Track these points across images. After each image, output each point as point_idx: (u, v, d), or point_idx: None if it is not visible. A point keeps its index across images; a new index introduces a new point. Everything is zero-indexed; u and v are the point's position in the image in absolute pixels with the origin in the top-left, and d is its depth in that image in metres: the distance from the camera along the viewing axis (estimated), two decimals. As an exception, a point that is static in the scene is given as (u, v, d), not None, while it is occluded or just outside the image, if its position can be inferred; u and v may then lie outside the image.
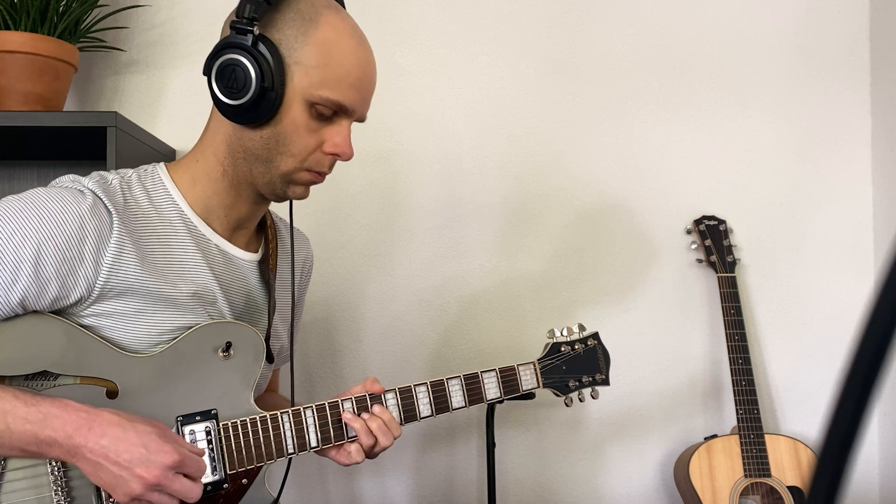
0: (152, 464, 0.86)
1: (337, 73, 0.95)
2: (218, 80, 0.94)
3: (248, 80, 0.92)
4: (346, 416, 1.06)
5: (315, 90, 0.95)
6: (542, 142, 1.83)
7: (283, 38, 0.94)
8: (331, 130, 0.98)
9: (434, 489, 1.79)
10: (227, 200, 1.03)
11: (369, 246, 1.79)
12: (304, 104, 0.95)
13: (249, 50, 0.92)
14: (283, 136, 0.96)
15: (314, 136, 0.98)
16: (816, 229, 1.86)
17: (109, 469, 0.86)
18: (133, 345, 0.95)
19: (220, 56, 0.94)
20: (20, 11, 1.47)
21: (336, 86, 0.95)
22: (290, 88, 0.94)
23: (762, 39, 1.87)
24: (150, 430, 0.89)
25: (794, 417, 1.83)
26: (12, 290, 0.88)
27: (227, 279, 1.05)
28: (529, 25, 1.84)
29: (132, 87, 1.77)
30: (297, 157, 0.98)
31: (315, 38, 0.94)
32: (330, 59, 0.95)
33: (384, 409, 1.09)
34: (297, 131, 0.96)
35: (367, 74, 0.99)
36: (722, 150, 1.86)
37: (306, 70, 0.94)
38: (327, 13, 0.96)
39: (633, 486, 1.81)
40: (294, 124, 0.96)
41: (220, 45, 0.94)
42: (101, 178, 0.98)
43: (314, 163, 1.00)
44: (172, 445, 0.89)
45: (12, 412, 0.85)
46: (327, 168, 1.02)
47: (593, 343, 1.30)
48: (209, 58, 0.95)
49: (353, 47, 0.97)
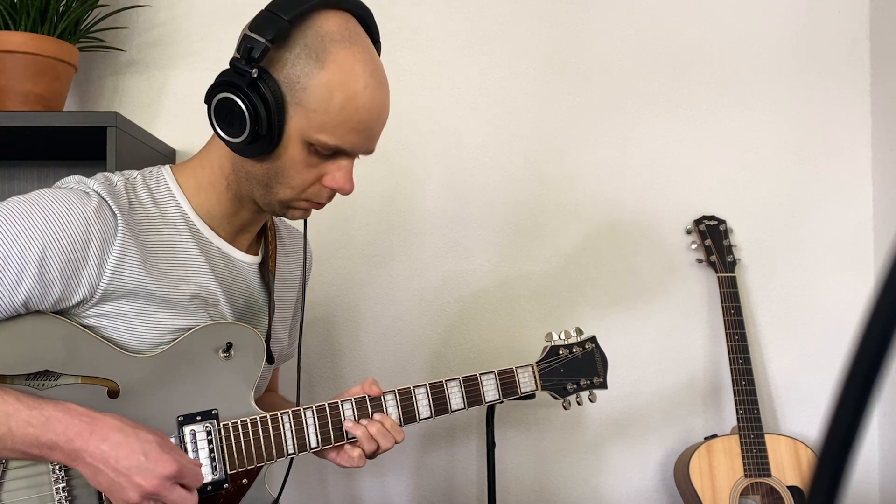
0: (151, 473, 0.87)
1: (337, 118, 0.92)
2: (215, 115, 0.94)
3: (243, 121, 0.91)
4: (347, 424, 1.06)
5: (313, 133, 0.92)
6: (542, 142, 1.83)
7: (287, 77, 0.91)
8: (331, 166, 0.97)
9: (434, 489, 1.79)
10: (231, 209, 1.03)
11: (369, 246, 1.79)
12: (302, 143, 0.93)
13: (245, 92, 0.90)
14: (282, 171, 0.96)
15: (313, 171, 0.96)
16: (816, 229, 1.87)
17: (108, 475, 0.86)
18: (135, 345, 0.96)
19: (217, 93, 0.93)
20: (20, 11, 1.47)
21: (335, 130, 0.93)
22: (290, 127, 0.92)
23: (762, 39, 1.87)
24: (151, 438, 0.89)
25: (794, 417, 1.83)
26: (17, 292, 0.88)
27: (229, 281, 1.05)
28: (530, 25, 1.84)
29: (132, 87, 1.77)
30: (295, 189, 0.97)
31: (319, 80, 0.91)
32: (331, 104, 0.91)
33: (385, 416, 1.08)
34: (294, 167, 0.95)
35: (372, 117, 0.95)
36: (722, 150, 1.86)
37: (306, 113, 0.91)
38: (337, 50, 0.91)
39: (633, 486, 1.81)
40: (292, 161, 0.95)
41: (218, 80, 0.93)
42: (106, 179, 0.98)
43: (312, 194, 0.99)
44: (172, 455, 0.89)
45: (15, 415, 0.85)
46: (325, 199, 1.01)
47: (591, 346, 1.30)
48: (209, 89, 0.94)
49: (359, 90, 0.92)
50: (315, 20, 0.92)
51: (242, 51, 0.89)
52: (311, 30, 0.91)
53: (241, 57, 0.90)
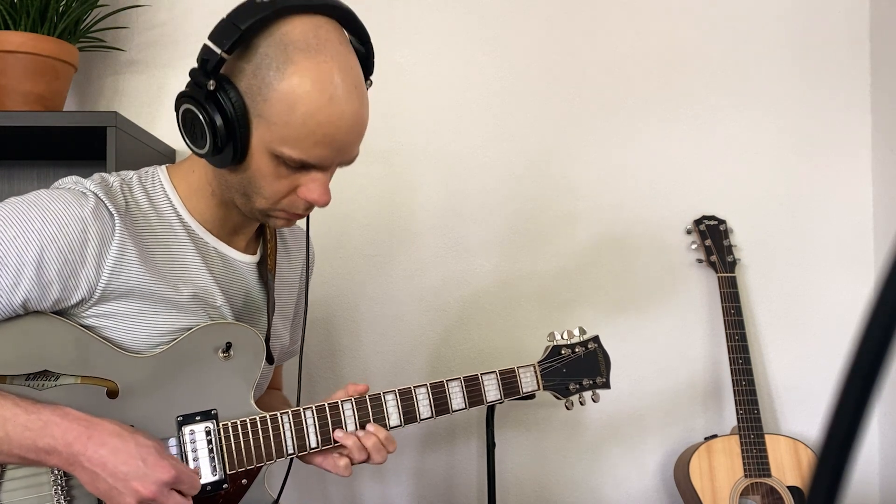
0: (148, 478, 0.87)
1: (299, 131, 0.88)
2: (182, 126, 0.93)
3: (204, 133, 0.89)
4: (337, 434, 1.05)
5: (276, 146, 0.89)
6: (541, 142, 1.83)
7: (248, 87, 0.88)
8: (305, 177, 0.93)
9: (434, 489, 1.79)
10: (220, 214, 1.03)
11: (369, 246, 1.79)
12: (268, 155, 0.90)
13: (202, 104, 0.88)
14: (254, 181, 0.93)
15: (286, 182, 0.93)
16: (816, 229, 1.87)
17: (106, 480, 0.86)
18: (134, 345, 0.95)
19: (179, 104, 0.92)
20: (20, 11, 1.47)
21: (297, 144, 0.88)
22: (255, 139, 0.89)
23: (762, 39, 1.87)
24: (149, 444, 0.89)
25: (794, 417, 1.83)
26: (15, 292, 0.88)
27: (227, 281, 1.05)
28: (529, 25, 1.84)
29: (132, 87, 1.77)
30: (269, 199, 0.95)
31: (279, 92, 0.86)
32: (292, 116, 0.87)
33: (379, 427, 1.07)
34: (265, 178, 0.92)
35: (339, 130, 0.89)
36: (722, 150, 1.86)
37: (268, 125, 0.88)
38: (300, 59, 0.86)
39: (633, 486, 1.81)
40: (261, 172, 0.92)
41: (181, 92, 0.91)
42: (103, 179, 0.98)
43: (288, 205, 0.96)
44: (169, 462, 0.89)
45: (12, 420, 0.85)
46: (302, 210, 0.98)
47: (594, 346, 1.30)
48: (175, 99, 0.93)
49: (323, 103, 0.87)
50: (279, 27, 0.87)
51: (200, 62, 0.88)
52: (274, 37, 0.87)
53: (199, 68, 0.88)
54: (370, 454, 1.05)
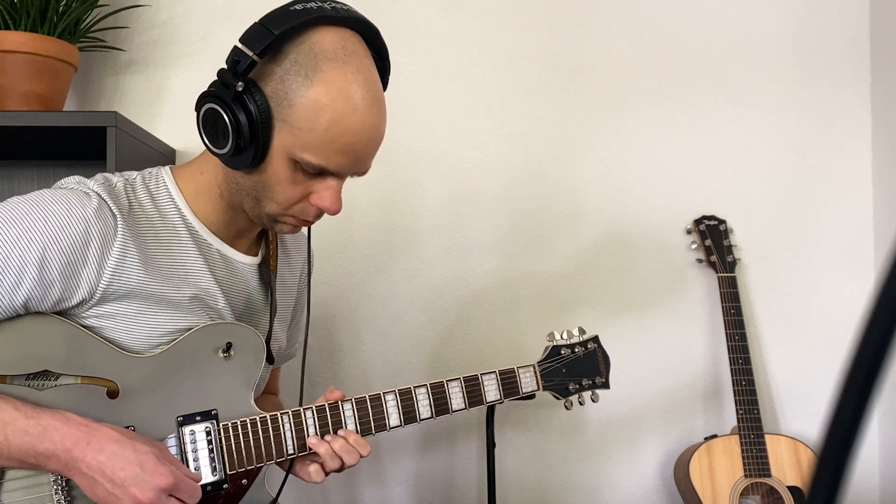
0: (147, 484, 0.86)
1: (323, 138, 0.90)
2: (203, 125, 0.94)
3: (227, 133, 0.90)
4: (310, 441, 1.04)
5: (297, 151, 0.90)
6: (542, 142, 1.83)
7: (275, 92, 0.89)
8: (319, 184, 0.95)
9: (434, 489, 1.79)
10: (226, 217, 1.03)
11: (369, 246, 1.79)
12: (287, 159, 0.92)
13: (229, 104, 0.89)
14: (268, 185, 0.94)
15: (300, 188, 0.95)
16: (816, 229, 1.87)
17: (104, 485, 0.86)
18: (134, 346, 0.95)
19: (203, 103, 0.93)
20: (20, 11, 1.47)
21: (319, 150, 0.90)
22: (276, 142, 0.91)
23: (762, 39, 1.87)
24: (148, 449, 0.89)
25: (794, 417, 1.83)
26: (17, 292, 0.88)
27: (228, 282, 1.05)
28: (530, 25, 1.84)
29: (132, 87, 1.77)
30: (281, 204, 0.96)
31: (306, 98, 0.88)
32: (316, 123, 0.89)
33: (349, 431, 1.06)
34: (280, 183, 0.94)
35: (360, 140, 0.92)
36: (722, 150, 1.86)
37: (292, 130, 0.90)
38: (328, 68, 0.89)
39: (634, 486, 1.81)
40: (277, 176, 0.93)
41: (205, 92, 0.92)
42: (106, 180, 0.98)
43: (299, 211, 0.97)
44: (169, 468, 0.89)
45: (12, 424, 0.85)
46: (312, 217, 0.99)
47: (593, 346, 1.30)
48: (198, 98, 0.94)
49: (348, 112, 0.89)
50: (310, 36, 0.89)
51: (230, 63, 0.89)
52: (305, 45, 0.89)
53: (229, 69, 0.89)
54: (342, 458, 1.04)
